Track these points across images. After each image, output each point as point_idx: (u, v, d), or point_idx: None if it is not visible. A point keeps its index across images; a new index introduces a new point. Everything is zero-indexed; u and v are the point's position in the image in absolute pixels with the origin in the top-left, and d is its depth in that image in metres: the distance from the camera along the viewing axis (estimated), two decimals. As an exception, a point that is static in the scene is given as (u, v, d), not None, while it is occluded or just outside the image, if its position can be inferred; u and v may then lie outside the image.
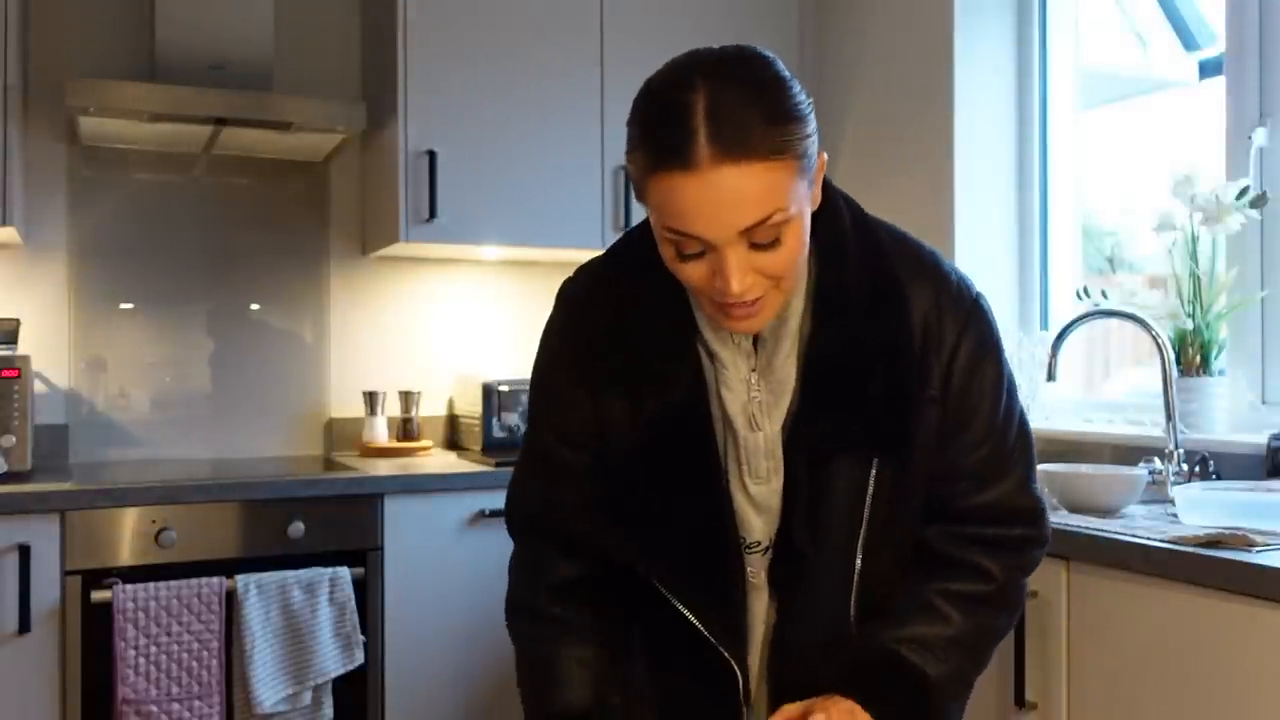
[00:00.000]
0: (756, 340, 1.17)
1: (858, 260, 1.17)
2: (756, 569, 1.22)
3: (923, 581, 1.20)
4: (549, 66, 2.97)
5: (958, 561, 1.20)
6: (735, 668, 1.21)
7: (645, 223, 1.17)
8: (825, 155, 1.13)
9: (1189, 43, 2.83)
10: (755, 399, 1.17)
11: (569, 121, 2.99)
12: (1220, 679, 1.56)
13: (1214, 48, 2.63)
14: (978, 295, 1.21)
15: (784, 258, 1.06)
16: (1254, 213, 2.23)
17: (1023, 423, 1.23)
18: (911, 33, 3.02)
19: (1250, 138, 2.29)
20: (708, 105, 0.98)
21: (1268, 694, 1.50)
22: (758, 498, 1.19)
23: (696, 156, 0.98)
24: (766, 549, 1.20)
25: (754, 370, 1.17)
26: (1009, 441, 1.21)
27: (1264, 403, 2.31)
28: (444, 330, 3.31)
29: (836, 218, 1.19)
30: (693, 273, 1.07)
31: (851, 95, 3.20)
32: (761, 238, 1.03)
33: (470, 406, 3.15)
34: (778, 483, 1.18)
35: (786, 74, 1.05)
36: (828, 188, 1.19)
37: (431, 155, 2.85)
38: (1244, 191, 2.21)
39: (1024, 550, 1.23)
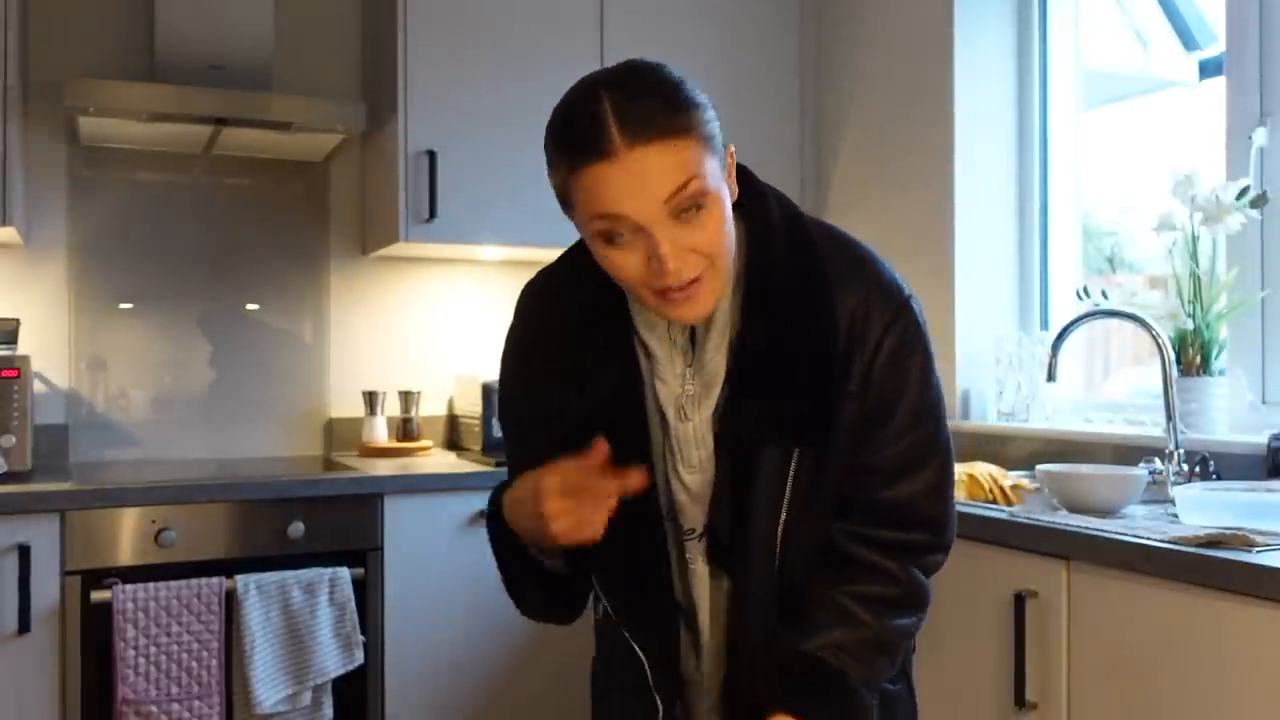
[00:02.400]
0: (694, 337, 1.23)
1: (787, 256, 1.22)
2: (694, 555, 1.28)
3: (831, 585, 1.24)
4: (549, 66, 2.97)
5: (862, 562, 1.24)
6: (647, 668, 1.28)
7: None
8: (733, 148, 1.21)
9: (1189, 43, 2.83)
10: (687, 391, 1.23)
11: (569, 121, 2.98)
12: (1220, 679, 1.56)
13: (1214, 48, 2.63)
14: (909, 296, 1.25)
15: (711, 233, 1.13)
16: (1254, 213, 2.23)
17: (943, 432, 1.27)
18: (911, 33, 3.02)
19: (1250, 138, 2.29)
20: (613, 107, 1.09)
21: (1268, 694, 1.50)
22: (692, 486, 1.25)
23: (612, 146, 1.09)
24: (700, 535, 1.27)
25: (689, 366, 1.24)
26: (926, 443, 1.25)
27: (1264, 403, 2.31)
28: (444, 330, 3.31)
29: (766, 214, 1.25)
30: (628, 263, 1.13)
31: (852, 95, 3.20)
32: (683, 204, 1.10)
33: (470, 406, 3.15)
34: (712, 471, 1.24)
35: (677, 75, 1.15)
36: (758, 185, 1.27)
37: (431, 155, 2.85)
38: (1244, 191, 2.21)
39: (922, 555, 1.26)
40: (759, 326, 1.21)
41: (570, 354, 1.26)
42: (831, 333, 1.20)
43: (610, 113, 1.09)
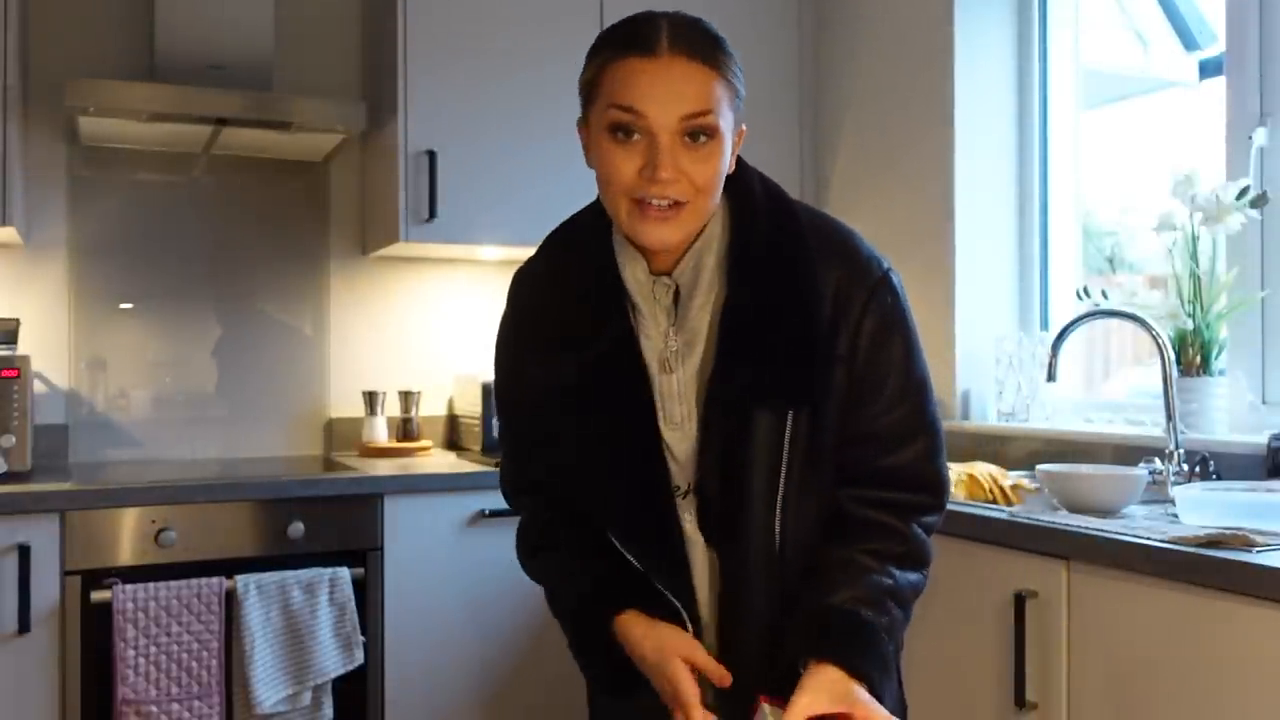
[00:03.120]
0: (677, 299, 1.29)
1: (769, 227, 1.29)
2: (685, 514, 1.31)
3: (844, 546, 1.27)
4: (549, 66, 2.97)
5: (871, 523, 1.28)
6: (683, 612, 1.29)
7: (585, 208, 1.38)
8: (745, 129, 1.29)
9: (1189, 43, 2.83)
10: (670, 346, 1.28)
11: (569, 121, 2.97)
12: (1220, 679, 1.56)
13: (1214, 48, 2.63)
14: (887, 270, 1.30)
15: (708, 170, 1.21)
16: (1254, 213, 2.23)
17: (930, 396, 1.32)
18: (911, 33, 3.02)
19: (1250, 138, 2.29)
20: (668, 24, 1.21)
21: (1268, 694, 1.50)
22: (673, 444, 1.30)
23: (659, 47, 1.19)
24: (686, 493, 1.30)
25: (673, 325, 1.29)
26: (918, 411, 1.30)
27: (1264, 403, 2.31)
28: (444, 330, 3.31)
29: (749, 189, 1.32)
30: (623, 165, 1.20)
31: (851, 95, 3.20)
32: (696, 128, 1.19)
33: (470, 406, 3.15)
34: (691, 429, 1.28)
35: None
36: (744, 165, 1.34)
37: (431, 155, 2.85)
38: (1244, 191, 2.21)
39: (923, 514, 1.31)
40: (744, 292, 1.26)
41: (569, 319, 1.31)
42: (816, 300, 1.25)
43: (665, 26, 1.20)
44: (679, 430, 1.29)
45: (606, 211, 1.29)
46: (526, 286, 1.40)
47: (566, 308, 1.32)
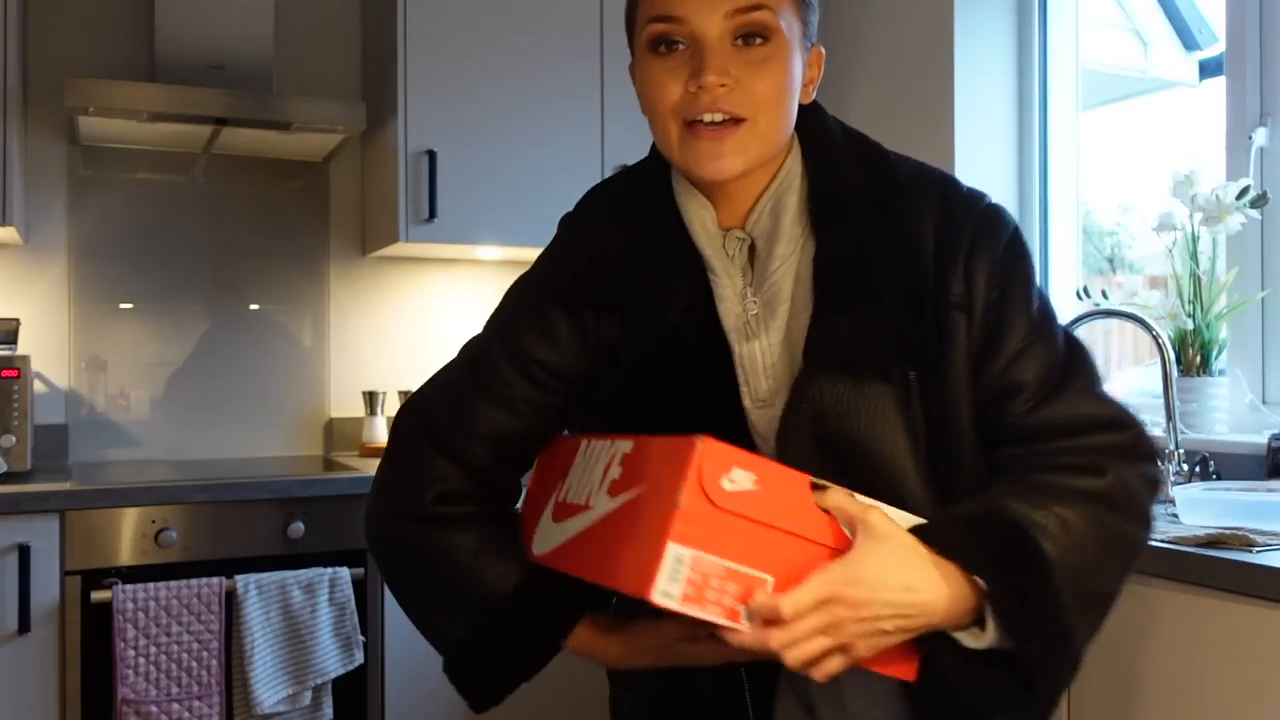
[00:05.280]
0: (753, 255, 1.10)
1: (854, 166, 1.11)
2: None
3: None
4: (549, 66, 2.97)
5: (1054, 469, 1.02)
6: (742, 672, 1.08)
7: (644, 159, 1.18)
8: (823, 50, 1.14)
9: (1189, 43, 2.83)
10: (749, 310, 1.08)
11: (569, 121, 2.99)
12: (1220, 679, 1.56)
13: (1214, 48, 2.64)
14: (992, 201, 1.12)
15: (770, 78, 1.04)
16: (1254, 213, 2.23)
17: (1068, 331, 1.10)
18: (911, 33, 3.02)
19: (1250, 138, 2.29)
20: None
21: (1268, 694, 1.50)
22: (759, 424, 1.07)
23: None
24: None
25: (749, 284, 1.09)
26: (1057, 348, 1.07)
27: (1264, 403, 2.31)
28: (444, 330, 3.31)
29: (825, 127, 1.15)
30: (668, 84, 1.04)
31: (850, 95, 3.20)
32: (746, 27, 1.03)
33: (470, 406, 3.15)
34: (779, 406, 1.05)
35: None
36: (819, 109, 1.17)
37: (431, 155, 2.85)
38: (1244, 191, 2.21)
39: (1122, 456, 1.03)
40: (837, 234, 1.06)
41: (627, 281, 1.10)
42: (918, 240, 1.06)
43: None
44: (768, 409, 1.07)
45: (661, 146, 1.09)
46: (580, 226, 1.19)
47: (623, 266, 1.11)
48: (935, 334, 1.03)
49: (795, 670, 0.91)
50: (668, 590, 0.86)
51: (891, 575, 0.92)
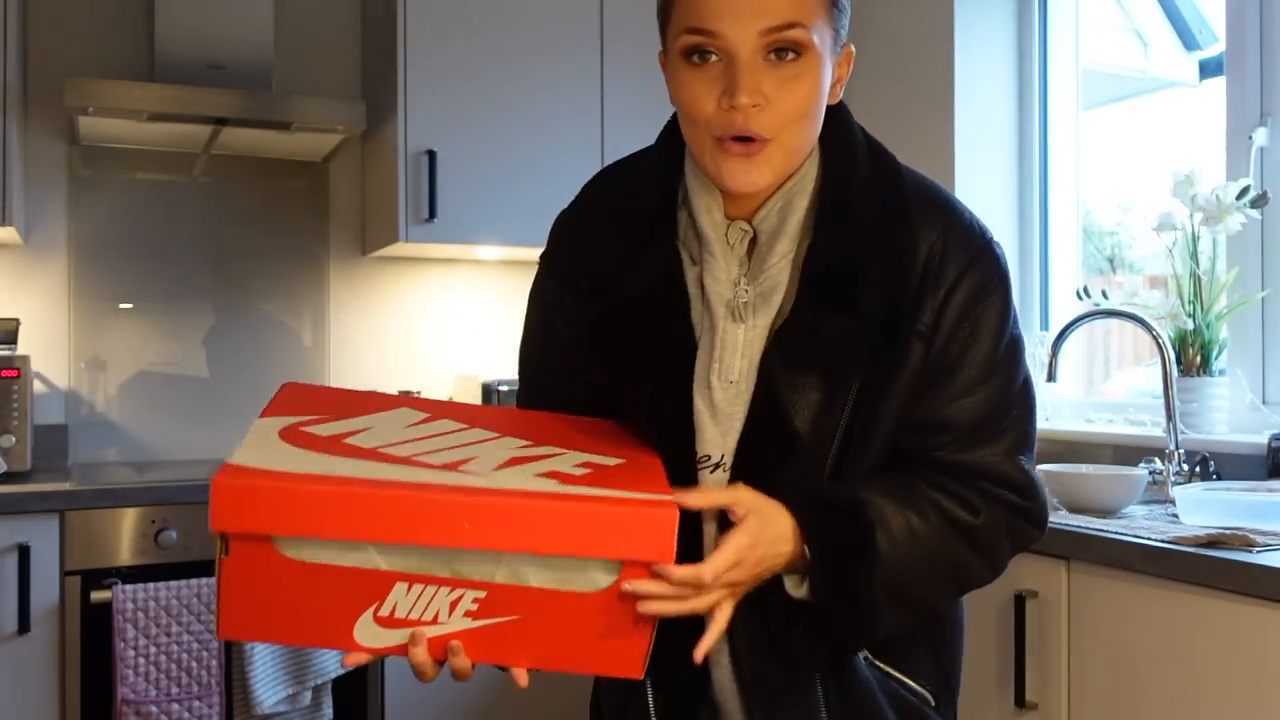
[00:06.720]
0: (752, 246, 1.14)
1: (867, 175, 1.14)
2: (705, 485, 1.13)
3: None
4: (549, 66, 2.97)
5: (940, 489, 1.11)
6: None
7: (653, 143, 1.24)
8: (853, 49, 1.15)
9: (1189, 43, 2.83)
10: (740, 296, 1.12)
11: (569, 121, 2.99)
12: (1220, 679, 1.56)
13: (1214, 48, 2.64)
14: (991, 240, 1.15)
15: (800, 94, 1.06)
16: (1254, 213, 2.23)
17: (1026, 390, 1.14)
18: (911, 33, 3.02)
19: (1250, 138, 2.29)
20: None
21: (1268, 694, 1.50)
22: (720, 403, 1.12)
23: None
24: (716, 466, 1.12)
25: (744, 274, 1.13)
26: (1003, 400, 1.12)
27: (1264, 403, 2.31)
28: (444, 330, 3.31)
29: (850, 134, 1.17)
30: (701, 97, 1.06)
31: (850, 96, 3.19)
32: (780, 43, 1.04)
33: (470, 406, 3.14)
34: (747, 388, 1.11)
35: None
36: (845, 106, 1.19)
37: (431, 155, 2.85)
38: (1244, 191, 2.21)
39: (1012, 513, 1.12)
40: (837, 236, 1.10)
41: (601, 259, 1.18)
42: (910, 261, 1.09)
43: None
44: (732, 388, 1.11)
45: (689, 147, 1.14)
46: (567, 212, 1.28)
47: (599, 246, 1.18)
48: (898, 350, 1.09)
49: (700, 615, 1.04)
50: None
51: (773, 537, 1.06)
